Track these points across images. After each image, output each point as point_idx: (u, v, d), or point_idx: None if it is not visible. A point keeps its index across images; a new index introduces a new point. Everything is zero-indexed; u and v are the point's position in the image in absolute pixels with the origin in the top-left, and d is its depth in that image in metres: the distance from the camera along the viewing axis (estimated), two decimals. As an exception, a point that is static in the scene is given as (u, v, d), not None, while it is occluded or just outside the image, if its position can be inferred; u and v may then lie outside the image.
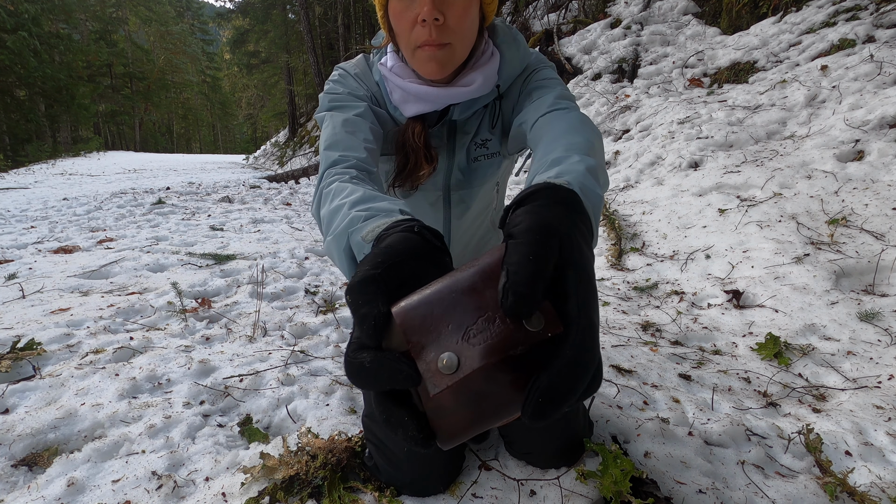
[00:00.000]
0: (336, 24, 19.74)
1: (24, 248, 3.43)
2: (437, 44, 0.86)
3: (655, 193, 3.38)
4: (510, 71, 0.97)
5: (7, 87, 24.19)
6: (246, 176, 11.09)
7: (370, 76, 1.03)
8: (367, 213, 0.62)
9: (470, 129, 1.03)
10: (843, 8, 4.35)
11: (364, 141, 0.88)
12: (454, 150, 1.03)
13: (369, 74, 1.03)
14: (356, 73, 1.04)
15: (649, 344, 1.93)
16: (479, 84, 0.94)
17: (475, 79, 0.93)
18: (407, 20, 0.86)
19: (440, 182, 1.06)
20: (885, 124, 2.86)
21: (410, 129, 0.99)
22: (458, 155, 1.04)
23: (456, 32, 0.86)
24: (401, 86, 0.95)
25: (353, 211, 0.65)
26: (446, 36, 0.85)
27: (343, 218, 0.64)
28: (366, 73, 1.04)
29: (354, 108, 0.96)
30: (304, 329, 2.06)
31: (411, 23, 0.85)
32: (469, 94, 0.94)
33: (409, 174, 1.02)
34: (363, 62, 1.05)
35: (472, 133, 1.04)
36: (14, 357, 1.62)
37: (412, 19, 0.85)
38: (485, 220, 1.24)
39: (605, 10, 7.00)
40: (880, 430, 1.31)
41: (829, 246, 2.29)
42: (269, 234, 4.16)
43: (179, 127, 54.16)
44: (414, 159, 1.00)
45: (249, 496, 1.04)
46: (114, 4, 37.22)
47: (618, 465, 1.04)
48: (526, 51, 0.99)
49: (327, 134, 0.90)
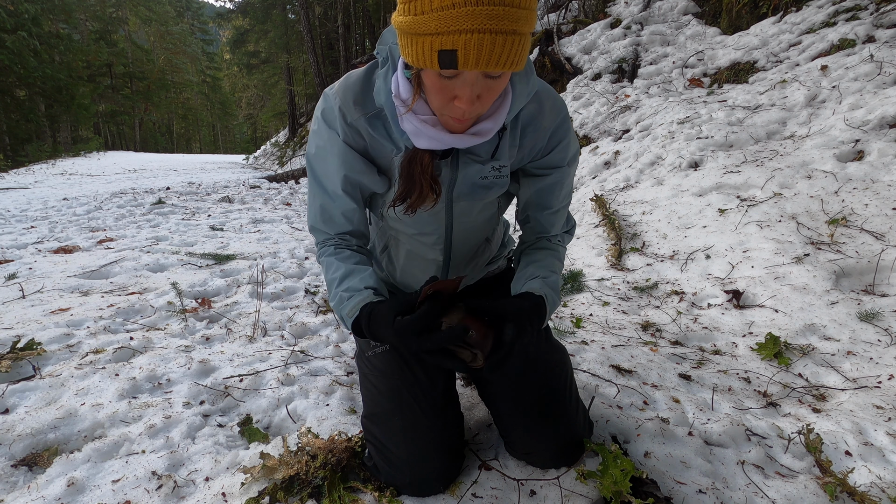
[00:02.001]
0: (336, 24, 19.75)
1: (24, 248, 3.43)
2: (468, 118, 0.87)
3: (655, 193, 3.38)
4: (518, 104, 0.96)
5: (7, 87, 24.18)
6: (246, 176, 11.09)
7: (370, 98, 0.98)
8: (347, 294, 1.01)
9: (476, 150, 1.03)
10: (843, 8, 4.35)
11: (343, 215, 1.10)
12: (458, 164, 1.03)
13: (369, 95, 0.98)
14: (348, 105, 0.99)
15: (649, 344, 1.93)
16: (493, 131, 0.94)
17: (488, 128, 0.93)
18: (443, 96, 0.83)
19: (444, 195, 1.06)
20: (885, 124, 2.86)
21: (419, 159, 0.98)
22: (462, 170, 1.03)
23: (488, 106, 0.86)
24: (415, 124, 0.91)
25: (339, 290, 1.03)
26: (479, 110, 0.85)
27: (334, 296, 1.04)
28: (365, 96, 0.99)
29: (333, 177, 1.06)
30: (304, 329, 2.07)
31: (447, 98, 0.83)
32: (481, 141, 0.94)
33: (412, 203, 1.02)
34: (362, 81, 1.00)
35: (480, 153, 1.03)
36: (14, 357, 1.62)
37: (449, 96, 0.82)
38: (484, 234, 1.23)
39: (605, 10, 7.00)
40: (880, 430, 1.31)
41: (829, 246, 2.29)
42: (269, 234, 4.16)
43: (179, 127, 54.17)
44: (419, 190, 1.00)
45: (249, 496, 1.04)
46: (114, 4, 37.21)
47: (618, 465, 1.04)
48: (534, 81, 0.97)
49: (309, 213, 1.16)
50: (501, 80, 0.81)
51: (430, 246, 1.16)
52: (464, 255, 1.22)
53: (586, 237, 3.32)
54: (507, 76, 0.82)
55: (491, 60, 0.72)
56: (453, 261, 1.21)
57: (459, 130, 0.91)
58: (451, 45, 0.72)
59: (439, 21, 0.71)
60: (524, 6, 0.71)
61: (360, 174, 1.06)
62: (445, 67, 0.74)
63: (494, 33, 0.70)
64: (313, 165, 1.10)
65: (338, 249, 1.12)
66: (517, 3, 0.70)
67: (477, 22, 0.69)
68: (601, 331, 2.07)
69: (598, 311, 2.30)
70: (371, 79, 1.00)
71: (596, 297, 2.46)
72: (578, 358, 1.73)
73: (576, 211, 3.85)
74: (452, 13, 0.70)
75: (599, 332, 2.04)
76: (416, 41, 0.75)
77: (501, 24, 0.70)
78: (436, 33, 0.72)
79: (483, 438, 1.26)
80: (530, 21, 0.73)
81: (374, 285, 1.03)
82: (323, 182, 1.09)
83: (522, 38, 0.73)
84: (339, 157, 1.04)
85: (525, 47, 0.75)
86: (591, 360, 1.71)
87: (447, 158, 1.02)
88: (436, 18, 0.71)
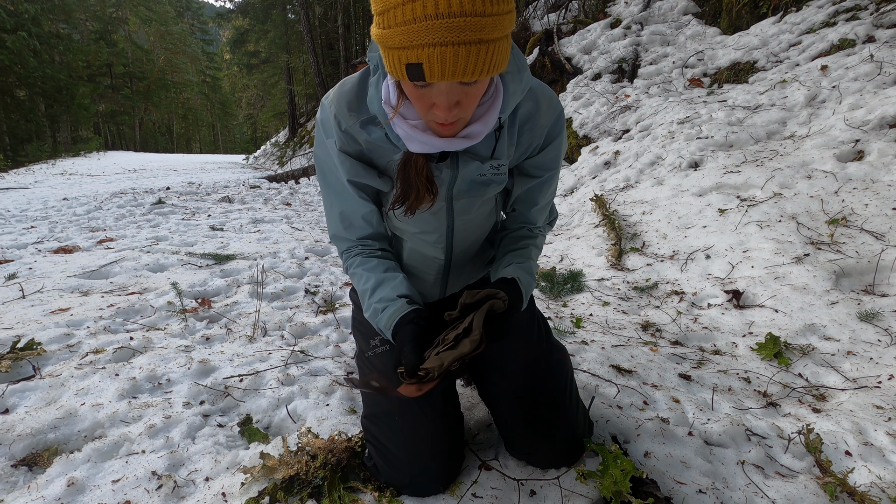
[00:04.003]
0: (336, 24, 19.76)
1: (24, 248, 3.43)
2: (453, 123, 0.87)
3: (655, 193, 3.38)
4: (512, 102, 0.96)
5: (7, 87, 24.16)
6: (246, 176, 11.09)
7: (364, 106, 0.99)
8: (381, 306, 1.03)
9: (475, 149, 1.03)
10: (843, 8, 4.35)
11: (362, 219, 1.12)
12: (458, 163, 1.03)
13: (364, 101, 0.99)
14: (343, 112, 1.00)
15: (649, 344, 1.94)
16: (483, 133, 0.94)
17: (478, 131, 0.93)
18: (422, 103, 0.84)
19: (444, 193, 1.06)
20: (885, 124, 2.86)
21: (414, 162, 0.99)
22: (462, 168, 1.03)
23: (470, 110, 0.86)
24: (406, 129, 0.93)
25: (372, 302, 1.05)
26: (461, 115, 0.85)
27: (368, 307, 1.07)
28: (359, 102, 1.00)
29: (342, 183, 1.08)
30: (304, 329, 2.07)
31: (426, 106, 0.84)
32: (471, 144, 0.95)
33: (410, 205, 1.03)
34: (357, 87, 1.00)
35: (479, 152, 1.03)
36: (14, 357, 1.62)
37: (428, 104, 0.83)
38: (485, 231, 1.24)
39: (605, 10, 7.00)
40: (880, 430, 1.31)
41: (829, 246, 2.29)
42: (269, 234, 4.16)
43: (179, 127, 54.14)
44: (416, 192, 1.01)
45: (249, 496, 1.04)
46: (114, 4, 37.18)
47: (618, 465, 1.04)
48: (528, 79, 0.97)
49: (329, 223, 1.17)
50: (479, 85, 0.81)
51: (432, 244, 1.17)
52: (465, 252, 1.23)
53: (586, 237, 3.32)
54: (484, 82, 0.82)
55: (457, 71, 0.72)
56: (454, 259, 1.21)
57: (447, 135, 0.91)
58: (416, 58, 0.72)
59: (403, 35, 0.71)
60: (489, 13, 0.70)
61: (363, 177, 1.07)
62: (414, 80, 0.75)
63: (457, 45, 0.70)
64: (325, 175, 1.12)
65: (364, 259, 1.12)
66: (480, 12, 0.69)
67: (438, 35, 0.69)
68: (601, 331, 2.07)
69: (598, 311, 2.30)
70: (365, 85, 1.00)
71: (596, 297, 2.46)
72: (578, 358, 1.73)
73: (576, 211, 3.86)
74: (415, 27, 0.70)
75: (599, 332, 2.04)
76: (388, 54, 0.76)
77: (463, 35, 0.69)
78: (402, 47, 0.73)
79: (483, 438, 1.26)
80: (500, 26, 0.72)
81: (406, 293, 1.05)
82: (335, 190, 1.11)
83: (491, 44, 0.72)
84: (341, 165, 1.06)
85: (498, 52, 0.74)
86: (591, 360, 1.71)
87: (446, 161, 1.02)
88: (400, 33, 0.71)
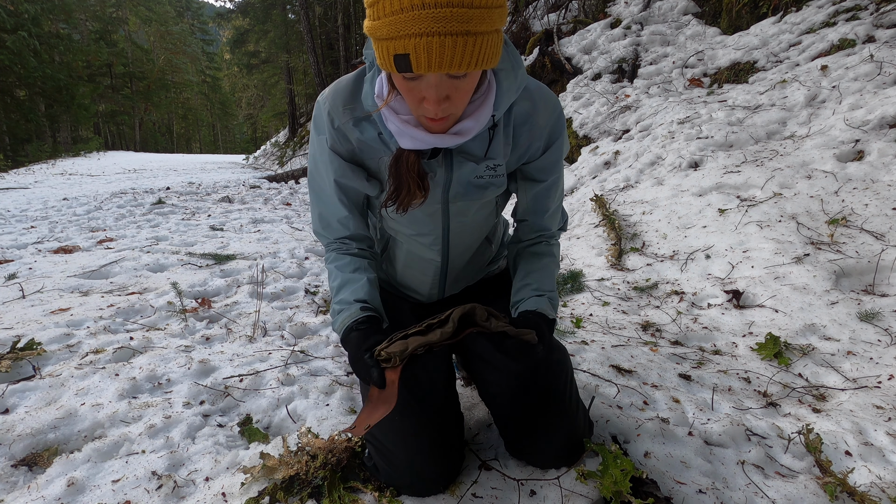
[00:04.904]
0: (336, 24, 19.76)
1: (24, 248, 3.43)
2: (443, 118, 0.87)
3: (655, 193, 3.38)
4: (506, 99, 0.95)
5: (7, 87, 24.15)
6: (246, 176, 11.09)
7: (359, 101, 1.00)
8: (339, 308, 1.05)
9: (469, 148, 1.02)
10: (843, 8, 4.35)
11: (338, 222, 1.12)
12: (452, 165, 1.02)
13: (358, 99, 1.00)
14: (337, 109, 1.00)
15: (649, 344, 1.93)
16: (475, 130, 0.94)
17: (470, 127, 0.92)
18: (412, 97, 0.84)
19: (439, 195, 1.05)
20: (885, 124, 2.86)
21: (405, 158, 0.98)
22: (456, 170, 1.03)
23: (460, 105, 0.86)
24: (397, 124, 0.92)
25: (334, 303, 1.08)
26: (451, 110, 0.85)
27: (332, 307, 1.09)
28: (354, 100, 1.00)
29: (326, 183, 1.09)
30: (304, 329, 2.07)
31: (416, 99, 0.83)
32: (462, 140, 0.94)
33: (402, 201, 1.02)
34: (352, 84, 1.01)
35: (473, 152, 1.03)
36: (14, 357, 1.62)
37: (417, 98, 0.83)
38: (483, 233, 1.23)
39: (605, 10, 7.00)
40: (880, 430, 1.31)
41: (829, 246, 2.29)
42: (269, 234, 4.16)
43: (179, 127, 54.12)
44: (407, 188, 1.00)
45: (249, 496, 1.04)
46: (114, 4, 37.17)
47: (618, 465, 1.04)
48: (523, 77, 0.97)
49: (312, 219, 1.19)
50: (468, 79, 0.81)
51: (428, 246, 1.16)
52: (461, 255, 1.22)
53: (586, 237, 3.32)
54: (474, 76, 0.81)
55: (444, 63, 0.72)
56: (451, 261, 1.21)
57: (438, 131, 0.91)
58: (403, 49, 0.72)
59: (391, 26, 0.72)
60: (477, 5, 0.70)
61: (350, 179, 1.07)
62: (402, 71, 0.76)
63: (444, 35, 0.70)
64: (311, 173, 1.14)
65: (339, 255, 1.14)
66: (468, 4, 0.69)
67: (425, 25, 0.69)
68: (601, 331, 2.07)
69: (598, 311, 2.30)
70: (360, 83, 1.00)
71: (596, 297, 2.46)
72: (578, 358, 1.73)
73: (576, 211, 3.85)
74: (402, 17, 0.70)
75: (599, 332, 2.04)
76: (378, 45, 0.76)
77: (450, 25, 0.69)
78: (390, 38, 0.73)
79: (483, 438, 1.26)
80: (488, 19, 0.72)
81: (364, 297, 1.05)
82: (318, 189, 1.13)
83: (479, 37, 0.72)
84: (329, 163, 1.06)
85: (489, 45, 0.74)
86: (591, 360, 1.71)
87: (437, 158, 1.01)
88: (388, 23, 0.72)
